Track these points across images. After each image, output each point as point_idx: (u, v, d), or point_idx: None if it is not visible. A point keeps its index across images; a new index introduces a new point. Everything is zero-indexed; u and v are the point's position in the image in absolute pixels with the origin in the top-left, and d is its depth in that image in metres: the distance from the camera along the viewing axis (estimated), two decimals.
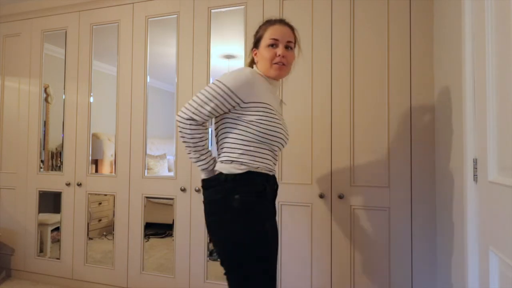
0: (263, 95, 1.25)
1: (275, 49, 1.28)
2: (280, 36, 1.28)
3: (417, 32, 1.90)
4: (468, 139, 1.29)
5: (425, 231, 1.86)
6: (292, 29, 1.34)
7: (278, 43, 1.28)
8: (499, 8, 1.04)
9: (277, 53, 1.27)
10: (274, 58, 1.27)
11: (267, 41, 1.29)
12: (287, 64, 1.30)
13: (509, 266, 0.98)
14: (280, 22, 1.32)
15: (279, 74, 1.30)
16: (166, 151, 2.65)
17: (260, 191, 1.23)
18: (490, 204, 1.12)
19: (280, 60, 1.27)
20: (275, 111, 1.27)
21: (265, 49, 1.29)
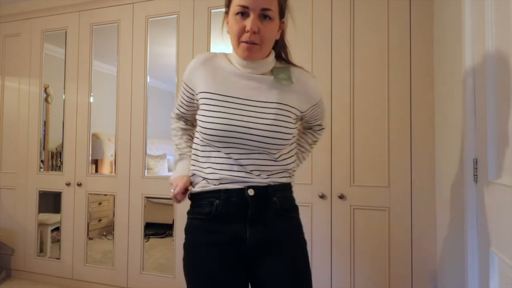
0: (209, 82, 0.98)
1: (245, 20, 0.92)
2: (251, 1, 0.90)
3: (417, 32, 1.90)
4: (468, 139, 1.29)
5: (425, 231, 1.86)
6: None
7: (249, 12, 0.91)
8: (499, 8, 1.04)
9: (245, 26, 0.91)
10: (242, 33, 0.93)
11: (234, 7, 0.93)
12: (262, 42, 0.93)
13: (509, 266, 0.97)
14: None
15: (248, 56, 0.94)
16: (166, 151, 2.66)
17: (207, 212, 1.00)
18: (490, 204, 1.12)
19: (250, 37, 0.91)
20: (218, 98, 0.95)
21: (232, 18, 0.94)
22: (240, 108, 0.95)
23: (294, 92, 1.00)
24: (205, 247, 1.03)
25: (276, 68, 1.01)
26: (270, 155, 0.97)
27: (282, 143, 0.96)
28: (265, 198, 0.97)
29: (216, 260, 0.99)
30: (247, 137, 0.93)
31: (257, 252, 0.98)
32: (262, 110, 0.95)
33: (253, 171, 0.96)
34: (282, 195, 1.00)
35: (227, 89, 0.97)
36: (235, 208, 0.96)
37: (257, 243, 0.96)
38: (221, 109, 0.94)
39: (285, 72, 0.99)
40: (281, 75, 0.98)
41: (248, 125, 0.93)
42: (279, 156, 0.99)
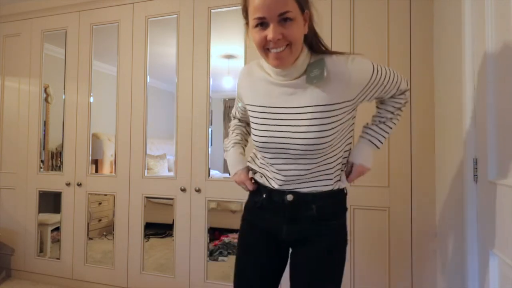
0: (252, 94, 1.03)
1: (265, 30, 0.88)
2: (266, 11, 0.85)
3: (417, 32, 1.90)
4: (468, 139, 1.29)
5: (425, 231, 1.86)
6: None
7: (267, 21, 0.87)
8: (499, 8, 1.04)
9: (268, 36, 0.87)
10: (265, 44, 0.89)
11: (252, 20, 0.90)
12: (290, 43, 0.89)
13: (509, 267, 0.97)
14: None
15: (280, 64, 0.91)
16: (166, 151, 2.66)
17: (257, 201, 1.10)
18: (490, 204, 1.12)
19: (275, 47, 0.88)
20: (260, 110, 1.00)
21: (252, 30, 0.91)
22: (278, 117, 0.97)
23: (331, 86, 0.93)
24: (251, 226, 1.13)
25: (310, 64, 0.95)
26: (312, 160, 0.97)
27: (320, 148, 0.94)
28: (302, 205, 1.01)
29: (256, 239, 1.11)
30: (286, 147, 0.96)
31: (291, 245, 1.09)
32: (296, 116, 0.95)
33: (295, 178, 1.00)
34: (322, 204, 1.02)
35: (265, 100, 0.99)
36: (275, 207, 1.04)
37: (291, 240, 1.06)
38: (262, 121, 0.99)
39: (318, 67, 0.93)
40: (313, 72, 0.93)
41: (285, 135, 0.95)
42: (322, 161, 0.98)
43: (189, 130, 2.35)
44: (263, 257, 1.11)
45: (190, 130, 2.35)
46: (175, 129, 2.39)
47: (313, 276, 1.02)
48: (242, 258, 1.15)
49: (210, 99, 2.32)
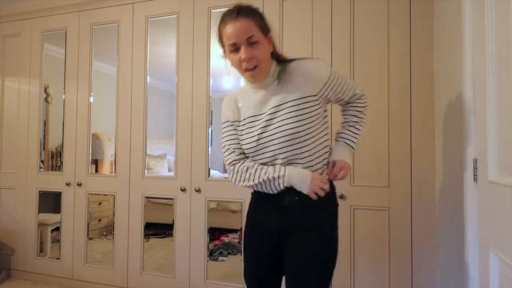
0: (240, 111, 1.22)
1: (238, 53, 1.09)
2: (235, 37, 1.07)
3: (417, 32, 1.90)
4: (468, 139, 1.29)
5: (425, 231, 1.86)
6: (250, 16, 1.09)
7: (239, 45, 1.08)
8: (499, 8, 1.04)
9: (241, 58, 1.08)
10: (241, 64, 1.10)
11: (227, 47, 1.11)
12: (259, 62, 1.09)
13: (509, 266, 0.98)
14: (231, 17, 1.08)
15: (254, 80, 1.14)
16: (166, 151, 2.66)
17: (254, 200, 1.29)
18: (490, 204, 1.12)
19: (248, 65, 1.09)
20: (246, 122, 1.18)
21: (229, 55, 1.13)
22: (256, 124, 1.15)
23: (296, 84, 1.13)
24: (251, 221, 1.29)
25: (279, 72, 1.16)
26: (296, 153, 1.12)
27: (299, 136, 1.10)
28: (288, 196, 1.14)
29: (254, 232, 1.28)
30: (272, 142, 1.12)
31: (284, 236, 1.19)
32: (270, 117, 1.13)
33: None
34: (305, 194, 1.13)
35: (247, 112, 1.19)
36: (268, 201, 1.20)
37: (283, 230, 1.18)
38: (249, 130, 1.17)
39: (283, 70, 1.15)
40: (281, 75, 1.14)
41: (265, 135, 1.13)
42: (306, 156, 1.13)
43: (189, 130, 2.35)
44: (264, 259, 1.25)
45: (190, 130, 2.35)
46: (175, 129, 2.39)
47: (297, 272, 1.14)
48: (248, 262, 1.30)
49: (210, 99, 2.32)
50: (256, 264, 1.27)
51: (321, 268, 1.14)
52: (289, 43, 2.13)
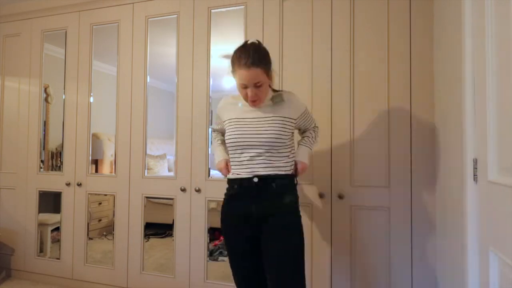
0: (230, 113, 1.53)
1: (246, 90, 1.40)
2: (247, 81, 1.37)
3: (417, 32, 1.90)
4: (468, 139, 1.29)
5: (425, 231, 1.86)
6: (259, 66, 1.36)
7: (247, 86, 1.38)
8: (499, 8, 1.04)
9: (248, 94, 1.40)
10: (246, 97, 1.42)
11: (237, 82, 1.41)
12: (260, 99, 1.43)
13: (509, 266, 0.98)
14: (245, 65, 1.35)
15: (254, 106, 1.46)
16: (166, 151, 2.66)
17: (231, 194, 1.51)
18: (490, 204, 1.12)
19: (251, 99, 1.41)
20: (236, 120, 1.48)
21: (238, 86, 1.43)
22: (250, 123, 1.46)
23: (285, 107, 1.49)
24: (229, 216, 1.52)
25: (273, 96, 1.49)
26: (273, 153, 1.44)
27: (279, 141, 1.43)
28: (265, 183, 1.43)
29: (233, 225, 1.50)
30: (253, 141, 1.43)
31: (261, 222, 1.43)
32: (263, 122, 1.45)
33: (260, 165, 1.43)
34: (280, 182, 1.44)
35: (240, 115, 1.49)
36: (246, 190, 1.45)
37: (260, 216, 1.43)
38: (237, 126, 1.46)
39: (278, 96, 1.48)
40: (276, 99, 1.47)
41: (255, 133, 1.43)
42: (280, 156, 1.45)
43: (189, 130, 2.35)
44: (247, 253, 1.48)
45: (190, 130, 2.35)
46: (175, 129, 2.39)
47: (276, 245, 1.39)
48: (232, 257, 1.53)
49: (210, 99, 2.32)
50: (238, 264, 1.50)
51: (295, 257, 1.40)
52: (289, 43, 2.13)
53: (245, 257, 1.48)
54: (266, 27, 2.18)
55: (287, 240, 1.40)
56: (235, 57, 1.40)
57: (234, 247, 1.50)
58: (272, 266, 1.39)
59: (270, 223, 1.41)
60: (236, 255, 1.50)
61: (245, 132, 1.44)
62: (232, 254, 1.51)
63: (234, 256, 1.50)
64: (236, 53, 1.41)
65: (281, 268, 1.37)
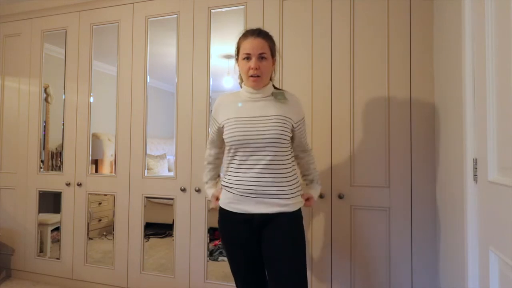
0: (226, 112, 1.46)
1: (249, 62, 1.38)
2: (251, 49, 1.37)
3: (417, 32, 1.90)
4: (468, 139, 1.29)
5: (425, 231, 1.86)
6: (266, 38, 1.40)
7: (251, 56, 1.38)
8: (499, 8, 1.04)
9: (250, 66, 1.37)
10: (248, 70, 1.38)
11: (242, 54, 1.40)
12: (262, 74, 1.39)
13: (509, 266, 0.98)
14: (253, 34, 1.39)
15: (256, 85, 1.42)
16: (166, 151, 2.66)
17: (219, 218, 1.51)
18: (490, 204, 1.12)
19: (254, 72, 1.37)
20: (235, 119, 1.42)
21: (241, 62, 1.42)
22: (251, 121, 1.40)
23: (288, 107, 1.45)
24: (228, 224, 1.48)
25: (274, 92, 1.47)
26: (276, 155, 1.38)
27: (281, 141, 1.38)
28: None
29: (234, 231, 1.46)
30: (255, 139, 1.36)
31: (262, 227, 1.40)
32: (265, 120, 1.39)
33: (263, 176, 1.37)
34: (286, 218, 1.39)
35: (238, 113, 1.43)
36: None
37: (261, 221, 1.39)
38: (237, 125, 1.39)
39: (281, 94, 1.45)
40: (279, 96, 1.44)
41: (256, 131, 1.37)
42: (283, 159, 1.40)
43: (189, 130, 2.35)
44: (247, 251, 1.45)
45: (190, 130, 2.35)
46: (175, 129, 2.39)
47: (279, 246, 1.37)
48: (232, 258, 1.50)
49: (210, 99, 2.32)
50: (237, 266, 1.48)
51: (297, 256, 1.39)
52: (289, 42, 2.13)
53: (247, 262, 1.46)
54: (266, 27, 2.18)
55: (288, 239, 1.37)
56: (242, 34, 1.43)
57: (232, 251, 1.48)
58: (273, 266, 1.37)
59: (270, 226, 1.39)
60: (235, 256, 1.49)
61: (246, 131, 1.37)
62: (232, 258, 1.49)
63: (233, 258, 1.49)
64: (243, 31, 1.45)
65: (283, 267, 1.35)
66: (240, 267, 1.46)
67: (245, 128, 1.38)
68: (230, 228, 1.45)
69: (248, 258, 1.44)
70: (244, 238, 1.42)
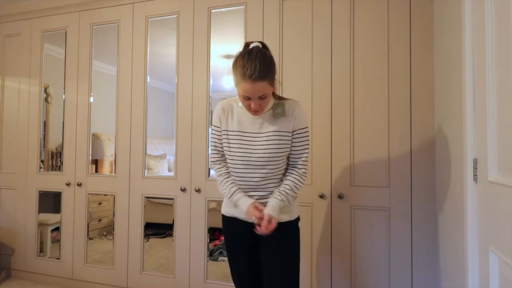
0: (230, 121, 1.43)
1: (249, 101, 1.31)
2: (251, 94, 1.28)
3: (417, 33, 1.90)
4: (468, 139, 1.29)
5: (425, 231, 1.86)
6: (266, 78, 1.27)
7: (251, 98, 1.29)
8: (499, 7, 1.04)
9: (251, 106, 1.32)
10: (248, 108, 1.34)
11: (240, 93, 1.31)
12: (262, 109, 1.35)
13: (508, 266, 0.98)
14: (250, 78, 1.24)
15: (256, 114, 1.38)
16: (166, 151, 2.66)
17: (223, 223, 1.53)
18: (490, 204, 1.12)
19: (254, 110, 1.33)
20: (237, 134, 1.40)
21: (240, 96, 1.33)
22: (250, 140, 1.39)
23: (286, 118, 1.39)
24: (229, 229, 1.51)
25: (274, 104, 1.40)
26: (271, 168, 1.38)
27: (280, 157, 1.38)
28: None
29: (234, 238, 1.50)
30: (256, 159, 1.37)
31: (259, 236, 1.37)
32: (264, 138, 1.38)
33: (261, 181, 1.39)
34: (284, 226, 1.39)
35: (240, 127, 1.41)
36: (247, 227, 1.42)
37: None
38: (239, 145, 1.39)
39: (280, 107, 1.39)
40: (278, 110, 1.38)
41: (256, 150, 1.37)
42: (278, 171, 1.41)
43: (189, 130, 2.35)
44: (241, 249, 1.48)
45: (190, 130, 2.35)
46: (175, 129, 2.39)
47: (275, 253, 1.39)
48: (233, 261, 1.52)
49: (210, 99, 2.32)
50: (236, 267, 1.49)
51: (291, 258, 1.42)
52: (289, 42, 2.13)
53: (245, 262, 1.48)
54: (266, 27, 2.18)
55: (284, 242, 1.40)
56: (238, 66, 1.28)
57: (233, 251, 1.49)
58: (268, 266, 1.40)
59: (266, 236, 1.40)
60: (235, 258, 1.50)
61: (246, 149, 1.38)
62: (232, 260, 1.51)
63: (234, 259, 1.50)
64: (240, 61, 1.28)
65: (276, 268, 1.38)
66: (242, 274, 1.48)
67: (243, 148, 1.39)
68: (234, 234, 1.47)
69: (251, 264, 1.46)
70: (246, 244, 1.45)
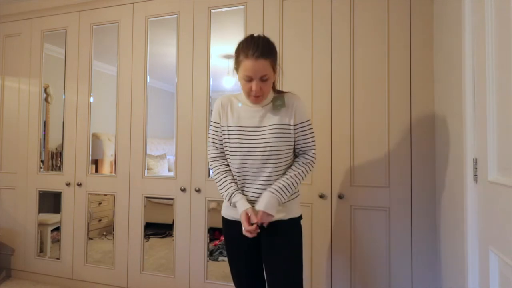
0: (230, 116, 1.41)
1: (250, 83, 1.30)
2: (253, 73, 1.28)
3: (417, 32, 1.90)
4: (468, 139, 1.29)
5: (425, 231, 1.86)
6: (268, 57, 1.28)
7: (253, 79, 1.29)
8: (499, 7, 1.04)
9: (252, 88, 1.30)
10: (250, 91, 1.31)
11: (242, 74, 1.31)
12: (264, 94, 1.34)
13: (508, 266, 0.98)
14: (254, 54, 1.26)
15: (256, 103, 1.37)
16: (166, 151, 2.65)
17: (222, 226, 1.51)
18: (490, 204, 1.12)
19: (255, 94, 1.31)
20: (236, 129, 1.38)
21: (241, 80, 1.33)
22: (251, 134, 1.37)
23: (287, 111, 1.38)
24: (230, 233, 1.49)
25: (274, 97, 1.40)
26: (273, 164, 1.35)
27: (282, 151, 1.36)
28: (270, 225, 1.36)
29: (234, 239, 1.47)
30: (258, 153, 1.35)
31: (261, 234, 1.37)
32: (265, 132, 1.36)
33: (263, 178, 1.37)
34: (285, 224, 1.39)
35: (239, 122, 1.39)
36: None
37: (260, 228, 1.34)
38: (239, 141, 1.37)
39: (280, 99, 1.38)
40: (277, 102, 1.38)
41: (258, 145, 1.35)
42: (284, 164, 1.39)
43: (189, 130, 2.35)
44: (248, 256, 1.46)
45: (190, 130, 2.35)
46: (175, 129, 2.39)
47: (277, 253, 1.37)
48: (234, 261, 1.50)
49: (210, 99, 2.32)
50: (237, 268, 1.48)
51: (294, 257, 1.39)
52: (289, 42, 2.13)
53: (244, 261, 1.46)
54: (266, 27, 2.18)
55: (285, 246, 1.38)
56: (241, 47, 1.30)
57: (233, 252, 1.48)
58: (269, 266, 1.39)
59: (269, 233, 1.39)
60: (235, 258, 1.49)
61: (245, 144, 1.36)
62: (232, 260, 1.49)
63: (233, 259, 1.49)
64: (243, 43, 1.31)
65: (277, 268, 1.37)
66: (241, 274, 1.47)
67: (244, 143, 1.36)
68: (234, 236, 1.45)
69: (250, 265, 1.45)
70: (247, 245, 1.43)
